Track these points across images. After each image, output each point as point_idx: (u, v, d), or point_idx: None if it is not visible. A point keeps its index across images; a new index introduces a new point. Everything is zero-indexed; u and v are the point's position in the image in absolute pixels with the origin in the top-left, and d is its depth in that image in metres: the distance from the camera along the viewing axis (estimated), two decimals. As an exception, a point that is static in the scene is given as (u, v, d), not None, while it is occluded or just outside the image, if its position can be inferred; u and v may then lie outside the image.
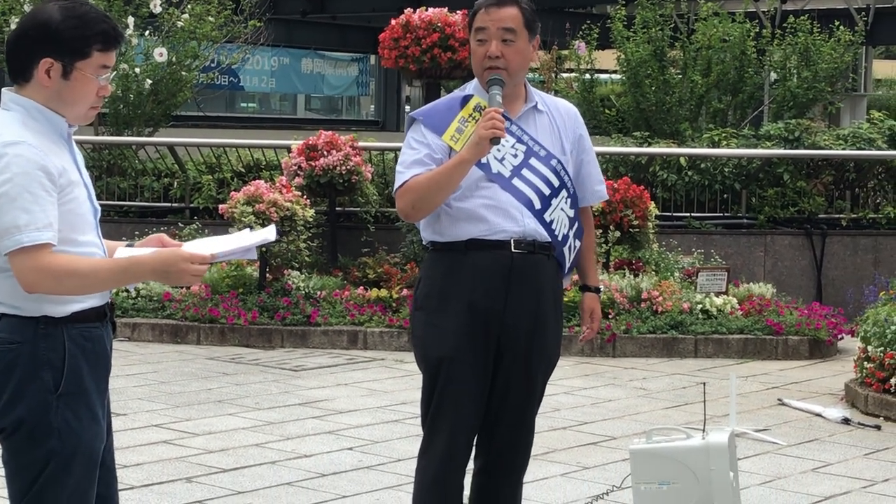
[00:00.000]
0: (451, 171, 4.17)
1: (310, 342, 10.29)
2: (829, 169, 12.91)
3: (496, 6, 4.27)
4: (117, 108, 13.95)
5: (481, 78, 4.31)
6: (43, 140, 3.38)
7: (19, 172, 3.28)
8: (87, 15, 3.42)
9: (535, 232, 4.25)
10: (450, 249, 4.26)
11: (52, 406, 3.37)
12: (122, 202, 13.15)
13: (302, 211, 10.61)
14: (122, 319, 10.39)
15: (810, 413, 8.18)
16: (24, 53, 3.41)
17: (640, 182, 11.64)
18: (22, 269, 3.30)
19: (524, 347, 4.29)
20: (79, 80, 3.41)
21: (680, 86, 14.78)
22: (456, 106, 4.31)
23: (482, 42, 4.27)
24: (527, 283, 4.26)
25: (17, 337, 3.37)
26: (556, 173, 4.32)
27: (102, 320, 3.51)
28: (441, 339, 4.25)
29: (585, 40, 15.90)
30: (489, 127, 4.11)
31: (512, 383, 4.31)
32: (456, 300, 4.23)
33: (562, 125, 4.39)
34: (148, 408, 7.93)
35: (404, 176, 4.23)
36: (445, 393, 4.25)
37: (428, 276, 4.34)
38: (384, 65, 12.44)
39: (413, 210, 4.23)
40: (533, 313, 4.28)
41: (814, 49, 15.33)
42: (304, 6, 28.85)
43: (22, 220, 3.27)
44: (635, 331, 10.17)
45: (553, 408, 8.16)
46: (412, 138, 4.28)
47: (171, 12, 14.19)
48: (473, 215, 4.22)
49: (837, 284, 12.25)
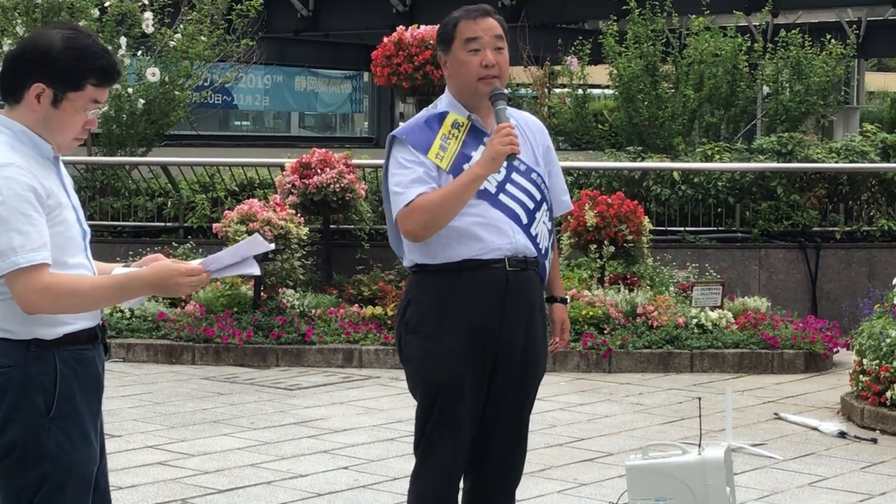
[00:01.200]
0: (465, 187, 4.12)
1: (305, 361, 10.27)
2: (823, 182, 12.92)
3: (483, 16, 4.26)
4: (110, 128, 13.94)
5: (473, 89, 4.24)
6: (31, 163, 3.38)
7: (10, 195, 3.29)
8: (88, 48, 3.42)
9: (525, 248, 4.24)
10: (442, 271, 4.21)
11: (44, 429, 3.37)
12: (116, 222, 13.14)
13: (296, 229, 10.60)
14: (116, 340, 10.37)
15: (807, 427, 8.17)
16: (18, 74, 3.42)
17: (633, 197, 11.64)
18: (21, 290, 3.30)
19: (519, 362, 4.29)
20: (67, 110, 3.42)
21: (672, 100, 14.80)
22: (434, 124, 4.26)
23: (476, 52, 4.22)
24: (521, 300, 4.25)
25: (8, 360, 3.37)
26: (538, 186, 4.31)
27: (94, 342, 3.51)
28: (439, 363, 4.21)
29: (577, 56, 15.93)
30: (506, 143, 4.09)
31: (507, 398, 4.31)
32: (453, 323, 4.19)
33: (532, 138, 4.38)
34: (143, 429, 7.90)
35: (407, 196, 4.14)
36: (444, 417, 4.21)
37: (420, 300, 4.27)
38: (377, 82, 12.45)
39: (424, 230, 4.14)
40: (526, 328, 4.29)
41: (806, 62, 15.36)
42: (297, 24, 28.87)
43: (16, 241, 3.27)
44: (631, 346, 10.17)
45: (549, 424, 8.14)
46: (402, 158, 4.20)
47: (163, 32, 14.20)
48: (467, 234, 4.18)
49: (832, 298, 12.25)
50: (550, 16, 26.20)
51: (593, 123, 16.09)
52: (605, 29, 15.48)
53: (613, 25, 15.42)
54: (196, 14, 14.41)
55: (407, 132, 4.26)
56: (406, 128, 4.30)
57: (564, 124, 16.64)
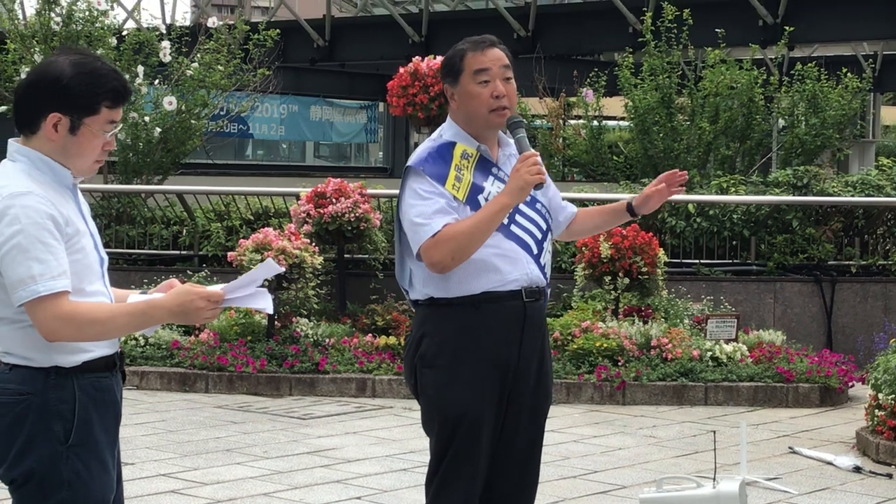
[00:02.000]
0: (494, 216, 4.09)
1: (318, 390, 10.26)
2: (838, 216, 12.90)
3: (490, 47, 4.25)
4: (126, 156, 14.01)
5: (485, 120, 4.22)
6: (48, 190, 3.38)
7: (29, 223, 3.29)
8: (97, 71, 3.41)
9: (537, 278, 4.24)
10: (458, 304, 4.17)
11: (63, 457, 3.36)
12: (131, 250, 13.18)
13: (310, 258, 10.61)
14: (130, 368, 10.38)
15: (821, 461, 8.12)
16: (32, 106, 3.42)
17: (648, 229, 11.63)
18: (42, 318, 3.29)
19: (532, 392, 4.27)
20: (86, 135, 3.41)
21: (688, 133, 14.81)
22: (447, 153, 4.23)
23: (486, 83, 4.21)
24: (535, 331, 4.26)
25: (28, 388, 3.37)
26: (542, 216, 4.32)
27: (112, 370, 3.51)
28: (458, 398, 4.16)
29: (593, 87, 15.95)
30: (534, 172, 4.07)
31: (520, 429, 4.27)
32: (473, 356, 4.16)
33: None
34: (156, 457, 7.90)
35: (432, 227, 4.08)
36: (461, 454, 4.18)
37: (436, 334, 4.21)
38: (392, 112, 12.49)
39: (452, 260, 4.08)
40: (539, 359, 4.29)
41: (821, 96, 15.36)
42: (313, 54, 29.02)
43: (36, 269, 3.27)
44: (645, 378, 10.13)
45: (563, 456, 8.12)
46: (420, 189, 4.15)
47: (180, 61, 14.28)
48: (486, 266, 4.15)
49: (847, 331, 12.21)
50: (566, 47, 26.31)
51: (608, 155, 16.11)
52: (621, 61, 15.50)
53: (629, 57, 15.45)
54: (213, 43, 14.49)
55: (422, 163, 4.20)
56: (420, 159, 4.23)
57: (579, 156, 16.68)
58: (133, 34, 14.30)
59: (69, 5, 14.09)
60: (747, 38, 19.06)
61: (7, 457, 3.38)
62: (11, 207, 3.30)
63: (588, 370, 10.22)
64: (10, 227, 3.29)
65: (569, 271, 11.50)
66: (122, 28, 14.80)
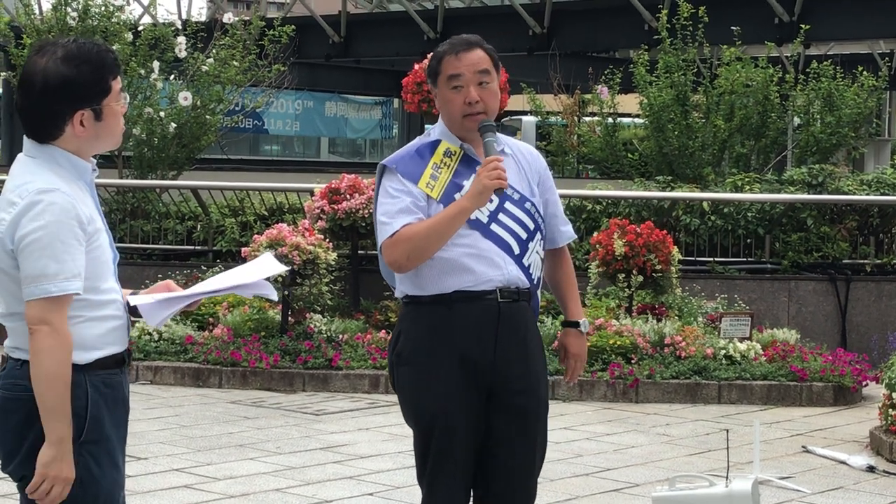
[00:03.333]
0: (451, 220, 4.09)
1: (331, 386, 10.28)
2: (853, 214, 12.85)
3: (466, 50, 4.21)
4: (141, 151, 14.04)
5: (459, 125, 4.22)
6: (72, 187, 3.40)
7: (53, 220, 3.30)
8: (90, 54, 3.42)
9: (517, 279, 4.19)
10: (433, 303, 4.18)
11: (74, 454, 3.36)
12: (146, 245, 13.20)
13: (324, 254, 10.62)
14: (143, 363, 10.41)
15: (835, 461, 8.10)
16: (51, 114, 3.41)
17: (662, 226, 11.62)
18: (33, 316, 3.29)
19: (517, 395, 4.22)
20: (109, 115, 3.46)
21: (703, 130, 14.78)
22: (426, 152, 4.23)
23: (458, 89, 4.19)
24: (514, 332, 4.20)
25: None
26: (531, 216, 4.26)
27: (121, 367, 3.52)
28: (432, 395, 4.17)
29: (608, 85, 15.93)
30: (493, 177, 4.05)
31: (511, 432, 4.22)
32: (445, 354, 4.16)
33: (527, 167, 4.33)
34: (169, 452, 7.91)
35: (392, 226, 4.12)
36: (443, 448, 4.17)
37: (411, 330, 4.24)
38: (407, 108, 12.50)
39: (408, 261, 4.12)
40: (522, 361, 4.23)
41: (837, 94, 15.32)
42: (329, 50, 29.02)
43: (51, 268, 3.28)
44: (658, 376, 10.12)
45: (575, 454, 8.11)
46: (390, 187, 4.17)
47: (196, 57, 14.30)
48: (458, 266, 4.14)
49: (862, 330, 12.18)
50: (581, 44, 26.28)
51: (623, 152, 16.09)
52: (636, 58, 15.48)
53: (644, 55, 15.43)
54: (229, 39, 14.51)
55: (397, 161, 4.23)
56: (396, 157, 4.27)
57: (594, 153, 16.65)
58: (149, 29, 14.33)
59: (85, 1, 14.13)
60: (763, 35, 19.02)
61: (18, 452, 3.39)
62: (38, 203, 3.31)
63: (601, 368, 10.22)
64: (33, 223, 3.30)
65: (582, 269, 11.49)
66: (138, 23, 14.83)
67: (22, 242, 3.30)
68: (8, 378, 3.41)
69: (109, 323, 3.46)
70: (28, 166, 3.42)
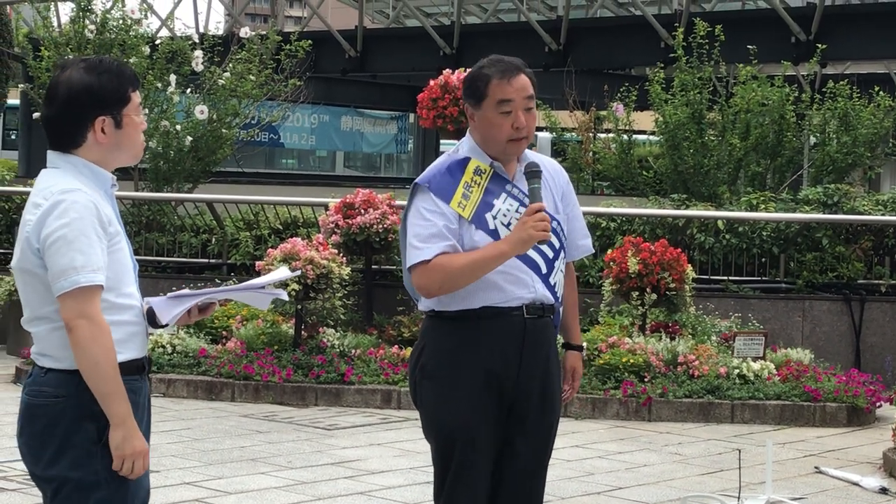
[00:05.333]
0: (489, 261, 4.10)
1: (343, 401, 10.27)
2: (869, 234, 12.82)
3: (516, 75, 4.21)
4: (157, 164, 14.09)
5: (499, 148, 4.21)
6: (93, 191, 3.52)
7: (76, 217, 3.42)
8: (111, 65, 3.58)
9: (543, 296, 4.22)
10: (458, 318, 4.19)
11: (97, 456, 3.46)
12: (161, 258, 13.24)
13: (338, 269, 10.63)
14: (157, 375, 10.42)
15: (847, 482, 8.07)
16: (74, 121, 3.54)
17: (677, 245, 11.60)
18: (71, 312, 3.39)
19: (535, 410, 4.24)
20: (129, 124, 3.58)
21: (718, 149, 14.77)
22: (457, 170, 4.23)
23: (508, 114, 4.18)
24: (537, 347, 4.23)
25: (62, 391, 3.47)
26: (557, 235, 4.27)
27: (142, 373, 3.61)
28: (455, 410, 4.18)
29: (623, 102, 15.93)
30: (539, 228, 4.06)
31: (525, 447, 4.25)
32: (470, 369, 4.17)
33: (552, 183, 4.34)
34: (181, 465, 7.92)
35: (425, 252, 4.11)
36: (462, 465, 4.19)
37: (435, 344, 4.25)
38: (422, 124, 12.54)
39: (439, 290, 4.13)
40: (543, 377, 4.26)
41: (853, 114, 15.29)
42: (345, 64, 29.07)
43: (79, 261, 3.40)
44: (671, 395, 10.10)
45: (587, 472, 8.10)
46: (423, 207, 4.17)
47: (212, 70, 14.35)
48: (488, 284, 4.15)
49: (876, 351, 12.14)
50: (597, 61, 26.27)
51: (638, 170, 16.07)
52: (652, 76, 15.48)
53: (660, 72, 15.43)
54: (245, 53, 14.56)
55: (430, 179, 4.22)
56: (429, 174, 4.25)
57: (609, 170, 16.65)
58: (166, 43, 14.39)
59: (103, 14, 14.19)
60: (779, 54, 19.01)
61: (42, 457, 3.48)
62: (62, 202, 3.44)
63: (614, 386, 10.20)
64: (58, 220, 3.42)
65: (596, 286, 11.48)
66: (155, 37, 14.89)
67: (48, 240, 3.42)
68: (34, 385, 3.52)
69: (129, 328, 3.55)
70: (52, 175, 3.55)
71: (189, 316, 3.67)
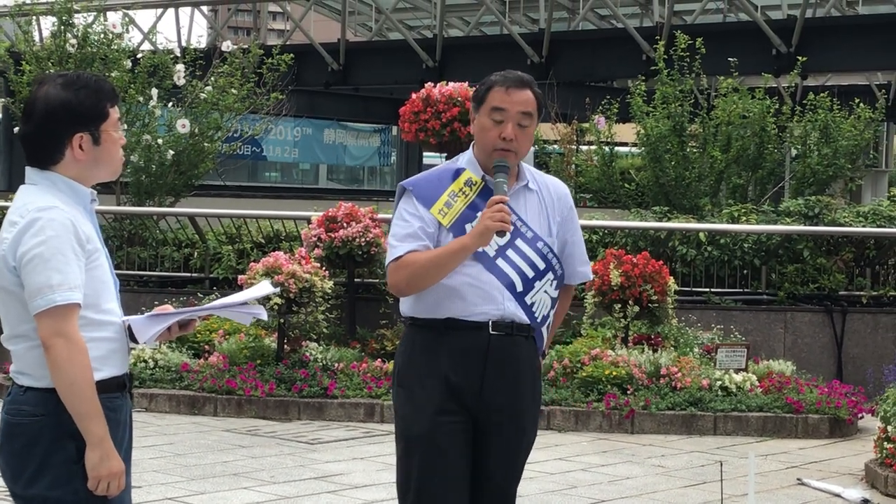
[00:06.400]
0: (451, 256, 4.13)
1: (326, 415, 10.26)
2: (850, 246, 12.87)
3: (517, 88, 4.23)
4: (139, 178, 14.07)
5: (486, 155, 4.25)
6: (71, 208, 3.50)
7: (53, 235, 3.41)
8: (89, 81, 3.56)
9: (514, 315, 4.21)
10: (428, 327, 4.22)
11: (77, 475, 3.44)
12: (143, 272, 13.21)
13: (321, 282, 10.62)
14: (139, 390, 10.39)
15: (830, 493, 8.09)
16: (51, 137, 3.52)
17: (659, 257, 11.62)
18: (48, 331, 3.38)
19: (503, 428, 4.23)
20: (107, 140, 3.57)
21: (700, 161, 14.82)
22: (447, 178, 4.27)
23: (499, 123, 4.21)
24: (504, 364, 4.21)
25: (41, 409, 3.46)
26: (543, 256, 4.26)
27: (123, 390, 3.59)
28: (419, 417, 4.20)
29: (605, 114, 15.97)
30: (497, 219, 4.07)
31: (491, 464, 4.24)
32: (433, 378, 4.19)
33: (550, 204, 4.33)
34: (163, 480, 7.90)
35: (397, 250, 4.19)
36: (424, 471, 4.18)
37: (405, 352, 4.30)
38: (404, 138, 12.54)
39: (407, 287, 4.20)
40: (511, 393, 4.23)
41: (834, 126, 15.36)
42: (327, 77, 29.09)
43: (55, 279, 3.38)
44: (654, 407, 10.11)
45: (570, 485, 8.10)
46: (404, 210, 4.24)
47: (194, 84, 14.34)
48: (454, 293, 4.17)
49: (858, 362, 12.17)
50: (579, 74, 26.36)
51: (620, 182, 16.11)
52: (633, 88, 15.53)
53: (642, 85, 15.48)
54: (227, 67, 14.55)
55: (415, 183, 4.29)
56: (416, 179, 4.32)
57: (591, 182, 16.68)
58: (148, 57, 14.37)
59: (85, 28, 14.17)
60: (760, 66, 19.08)
61: (22, 476, 3.47)
62: (38, 220, 3.42)
63: (597, 398, 10.20)
64: (34, 238, 3.41)
65: (579, 299, 11.50)
66: (137, 50, 14.88)
67: (24, 258, 3.41)
68: (13, 403, 3.51)
69: (109, 345, 3.54)
70: (30, 192, 3.54)
71: (170, 332, 3.67)
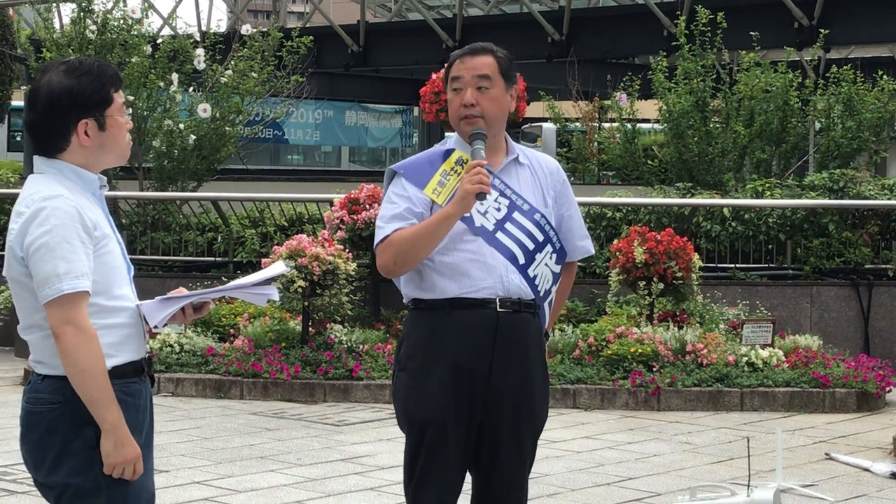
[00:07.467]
0: (436, 226, 4.11)
1: (352, 396, 10.28)
2: (875, 219, 12.80)
3: (471, 55, 4.25)
4: (162, 163, 14.09)
5: (458, 128, 4.27)
6: (78, 196, 3.50)
7: (58, 224, 3.40)
8: (91, 67, 3.56)
9: (518, 289, 4.17)
10: (433, 308, 4.18)
11: (96, 461, 3.44)
12: (167, 257, 13.24)
13: (344, 265, 10.62)
14: (165, 374, 10.43)
15: (858, 468, 8.06)
16: (57, 125, 3.51)
17: (683, 233, 11.58)
18: (57, 320, 3.38)
19: (511, 408, 4.19)
20: (113, 125, 3.55)
21: (723, 136, 14.74)
22: (437, 159, 4.27)
23: (458, 91, 4.23)
24: (513, 342, 4.18)
25: (59, 397, 3.46)
26: (541, 227, 4.25)
27: (140, 375, 3.59)
28: (425, 403, 4.16)
29: (627, 91, 15.90)
30: (475, 182, 4.05)
31: (501, 445, 4.21)
32: (440, 361, 4.15)
33: (543, 179, 4.33)
34: (190, 464, 7.92)
35: (384, 231, 4.17)
36: (431, 458, 4.16)
37: (411, 336, 4.25)
38: (425, 118, 12.52)
39: (395, 265, 4.15)
40: (520, 373, 4.20)
41: (857, 98, 15.25)
42: (347, 59, 29.05)
43: (62, 268, 3.38)
44: (680, 384, 10.09)
45: (597, 463, 8.09)
46: (392, 192, 4.24)
47: (214, 69, 14.34)
48: (457, 270, 4.15)
49: (885, 335, 12.11)
50: (600, 51, 26.21)
51: (643, 159, 16.05)
52: (655, 64, 15.44)
53: (663, 61, 15.40)
54: (247, 51, 14.54)
55: (405, 166, 4.29)
56: (405, 162, 4.33)
57: (614, 160, 16.61)
58: (168, 42, 14.38)
59: (104, 14, 14.18)
60: (782, 40, 18.97)
61: (44, 464, 3.48)
62: (43, 210, 3.42)
63: (622, 376, 10.19)
64: (39, 228, 3.40)
65: (603, 276, 11.47)
66: (157, 36, 14.89)
67: (31, 248, 3.40)
68: (32, 392, 3.52)
69: (123, 330, 3.53)
70: (37, 181, 3.53)
71: (184, 316, 3.66)
